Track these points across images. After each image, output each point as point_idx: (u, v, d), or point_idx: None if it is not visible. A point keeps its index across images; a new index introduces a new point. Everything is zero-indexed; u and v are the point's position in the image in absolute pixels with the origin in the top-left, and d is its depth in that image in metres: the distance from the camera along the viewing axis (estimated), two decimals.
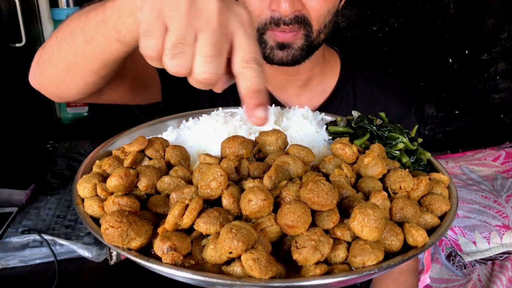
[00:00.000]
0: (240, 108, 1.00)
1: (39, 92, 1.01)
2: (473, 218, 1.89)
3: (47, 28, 2.02)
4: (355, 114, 0.98)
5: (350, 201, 0.66)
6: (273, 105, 1.00)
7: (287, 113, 0.96)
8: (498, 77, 2.57)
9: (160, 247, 0.58)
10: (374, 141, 0.88)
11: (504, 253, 1.79)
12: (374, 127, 0.92)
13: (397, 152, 0.88)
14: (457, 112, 2.64)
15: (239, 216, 0.64)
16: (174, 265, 0.58)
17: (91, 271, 1.26)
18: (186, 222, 0.60)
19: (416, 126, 1.06)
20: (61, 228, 1.35)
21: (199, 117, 0.95)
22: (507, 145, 2.38)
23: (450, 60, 2.48)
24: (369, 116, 0.94)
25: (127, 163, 0.76)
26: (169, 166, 0.77)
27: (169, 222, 0.60)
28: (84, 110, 2.12)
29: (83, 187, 0.71)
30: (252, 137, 0.83)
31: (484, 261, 1.80)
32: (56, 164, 1.74)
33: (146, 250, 0.61)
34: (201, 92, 0.72)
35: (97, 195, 0.70)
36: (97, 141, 0.98)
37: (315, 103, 1.32)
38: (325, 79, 1.33)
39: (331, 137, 0.92)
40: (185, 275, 0.57)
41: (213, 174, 0.64)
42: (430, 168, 0.90)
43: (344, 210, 0.66)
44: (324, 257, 0.59)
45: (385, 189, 0.74)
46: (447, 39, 2.43)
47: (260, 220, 0.62)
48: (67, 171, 1.70)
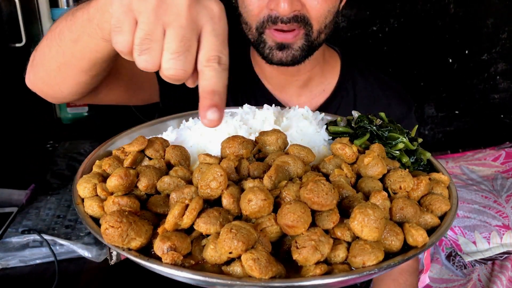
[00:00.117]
0: (240, 108, 1.00)
1: None
2: (473, 218, 1.89)
3: (47, 28, 2.01)
4: (355, 114, 0.98)
5: (350, 201, 0.66)
6: (273, 105, 1.00)
7: (287, 113, 0.96)
8: (498, 77, 2.57)
9: (160, 247, 0.58)
10: (374, 141, 0.88)
11: (504, 253, 1.79)
12: (374, 127, 0.92)
13: (397, 152, 0.88)
14: (457, 112, 2.64)
15: (239, 216, 0.64)
16: (174, 265, 0.58)
17: (91, 271, 1.26)
18: (186, 222, 0.60)
19: (416, 126, 1.06)
20: (61, 228, 1.35)
21: (199, 117, 0.95)
22: (507, 145, 2.38)
23: (450, 60, 2.48)
24: (369, 116, 0.94)
25: (127, 163, 0.76)
26: (169, 166, 0.77)
27: (169, 222, 0.60)
28: (84, 110, 2.12)
29: (83, 187, 0.71)
30: (252, 137, 0.83)
31: (484, 261, 1.79)
32: (56, 164, 1.74)
33: (146, 250, 0.61)
34: None
35: (97, 195, 0.70)
36: (97, 141, 0.98)
37: (315, 103, 1.32)
38: (325, 79, 1.33)
39: (331, 137, 0.92)
40: (185, 275, 0.57)
41: (213, 174, 0.64)
42: (430, 168, 0.90)
43: (344, 210, 0.66)
44: (324, 257, 0.59)
45: (385, 189, 0.74)
46: (447, 39, 2.43)
47: (260, 220, 0.62)
48: (67, 171, 1.70)
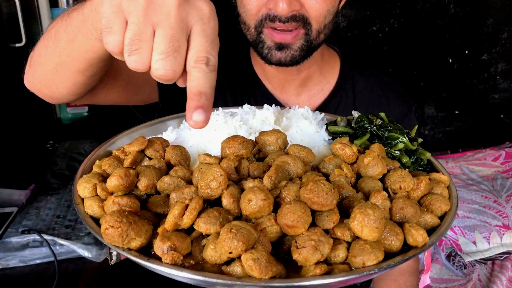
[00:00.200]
0: (240, 108, 1.00)
1: None
2: (473, 218, 1.89)
3: None
4: (355, 114, 0.98)
5: (350, 201, 0.66)
6: (273, 105, 1.00)
7: (287, 113, 0.96)
8: (498, 77, 2.58)
9: (160, 247, 0.58)
10: (374, 141, 0.88)
11: (504, 253, 1.79)
12: (374, 127, 0.92)
13: (397, 152, 0.88)
14: (457, 112, 2.64)
15: (239, 216, 0.64)
16: (174, 265, 0.58)
17: (91, 271, 1.26)
18: (186, 222, 0.60)
19: (416, 126, 1.06)
20: (61, 228, 1.35)
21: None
22: (507, 145, 2.38)
23: (450, 60, 2.49)
24: (369, 116, 0.94)
25: (127, 163, 0.76)
26: (169, 166, 0.77)
27: (169, 222, 0.60)
28: (84, 110, 2.12)
29: (83, 187, 0.71)
30: (252, 137, 0.83)
31: (484, 261, 1.79)
32: (56, 164, 1.74)
33: (146, 250, 0.61)
34: None
35: (97, 195, 0.70)
36: (97, 141, 0.98)
37: (314, 103, 1.32)
38: (324, 78, 1.33)
39: (331, 137, 0.92)
40: (185, 275, 0.57)
41: (213, 174, 0.64)
42: (430, 168, 0.90)
43: (344, 210, 0.66)
44: (324, 257, 0.59)
45: (385, 189, 0.74)
46: (447, 39, 2.43)
47: (260, 220, 0.62)
48: (67, 171, 1.70)
